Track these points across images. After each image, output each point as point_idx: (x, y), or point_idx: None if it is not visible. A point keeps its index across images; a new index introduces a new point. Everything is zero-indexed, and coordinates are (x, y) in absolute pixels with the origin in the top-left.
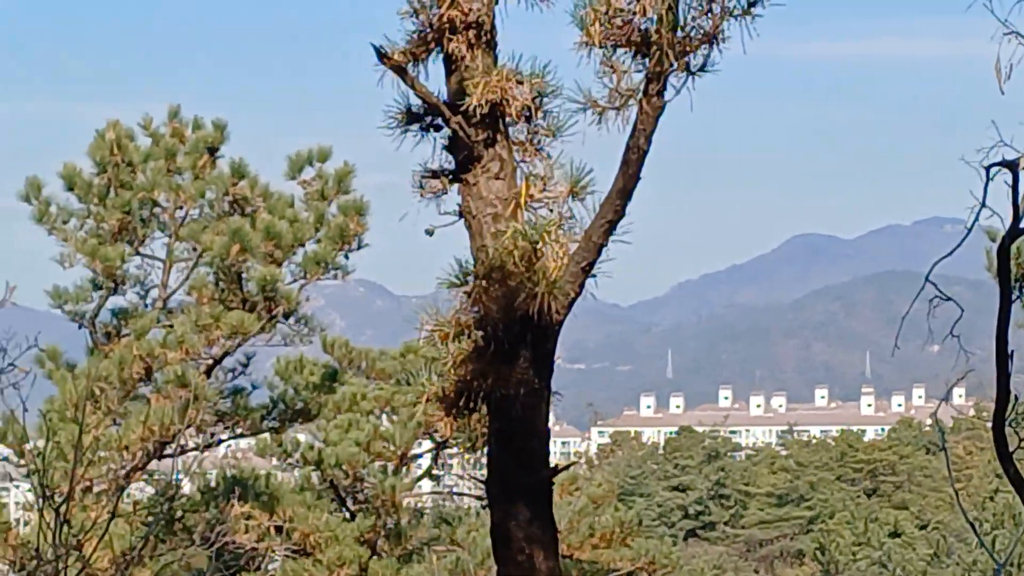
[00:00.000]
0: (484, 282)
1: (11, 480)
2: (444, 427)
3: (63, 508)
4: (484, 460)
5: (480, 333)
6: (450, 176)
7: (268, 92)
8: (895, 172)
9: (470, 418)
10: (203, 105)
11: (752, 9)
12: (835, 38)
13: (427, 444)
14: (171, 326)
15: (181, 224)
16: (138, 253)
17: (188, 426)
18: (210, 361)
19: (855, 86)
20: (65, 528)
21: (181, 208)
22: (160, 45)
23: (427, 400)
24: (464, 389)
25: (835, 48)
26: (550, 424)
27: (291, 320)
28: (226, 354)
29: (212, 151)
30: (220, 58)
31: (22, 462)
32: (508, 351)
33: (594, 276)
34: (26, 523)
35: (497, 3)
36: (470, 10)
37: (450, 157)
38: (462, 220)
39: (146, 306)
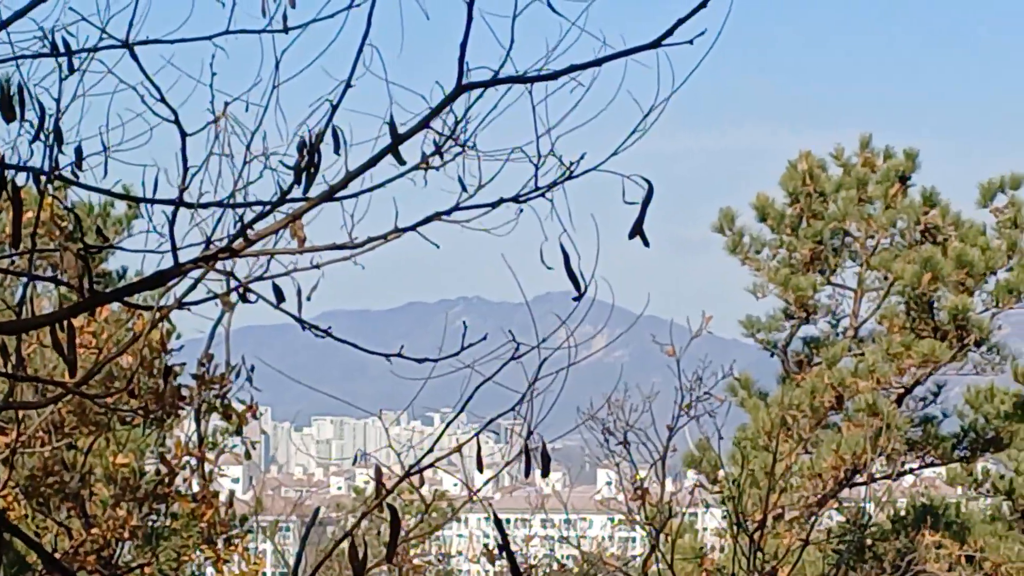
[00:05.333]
0: None
1: (706, 506)
2: None
3: (757, 535)
4: None
5: None
6: None
7: (959, 119)
8: None
9: None
10: (894, 134)
11: None
12: None
13: None
14: (862, 355)
15: (872, 253)
16: (829, 282)
17: (879, 454)
18: (901, 390)
19: None
20: (759, 554)
21: (872, 237)
22: (852, 75)
23: None
24: None
25: None
26: None
27: (982, 349)
28: (917, 383)
29: (903, 180)
30: (911, 85)
31: (716, 488)
32: None
33: None
34: (722, 549)
35: None
36: None
37: None
38: None
39: (837, 335)
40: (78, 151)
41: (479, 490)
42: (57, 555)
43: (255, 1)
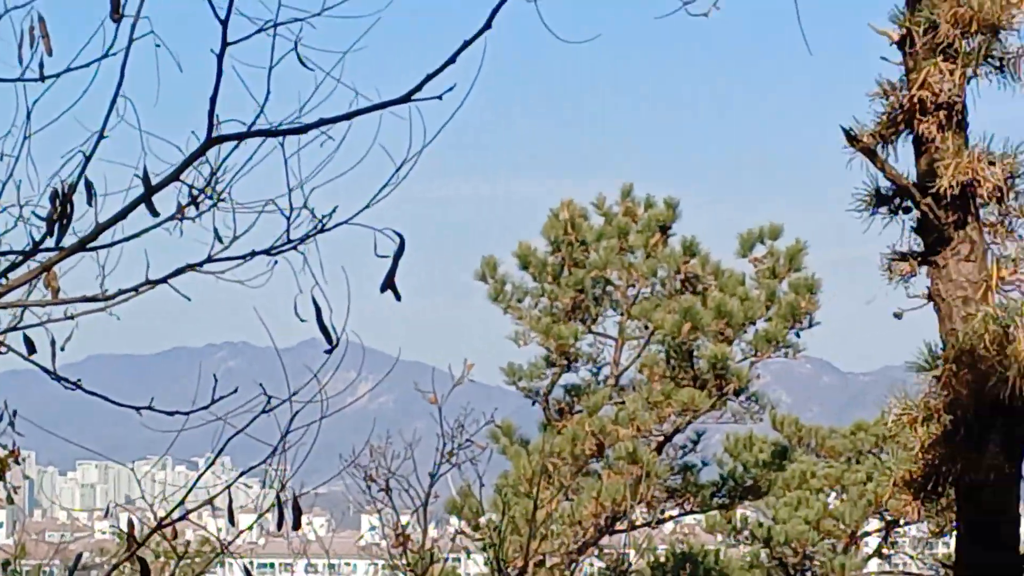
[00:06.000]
0: (954, 366)
1: (467, 552)
2: (912, 511)
3: None
4: (943, 541)
5: (949, 417)
6: (919, 259)
7: (720, 169)
8: None
9: (938, 502)
10: (656, 183)
11: None
12: None
13: (876, 523)
14: (622, 403)
15: (633, 302)
16: (590, 331)
17: (639, 502)
18: (661, 438)
19: None
20: None
21: (633, 286)
22: (614, 123)
23: (894, 484)
24: (932, 474)
25: None
26: None
27: (741, 397)
28: (677, 431)
29: (664, 229)
30: (671, 135)
31: (477, 535)
32: (978, 436)
33: None
34: None
35: (968, 82)
36: (941, 91)
37: (918, 239)
38: (930, 303)
39: (598, 383)
40: None
41: (231, 543)
42: None
43: (11, 49)
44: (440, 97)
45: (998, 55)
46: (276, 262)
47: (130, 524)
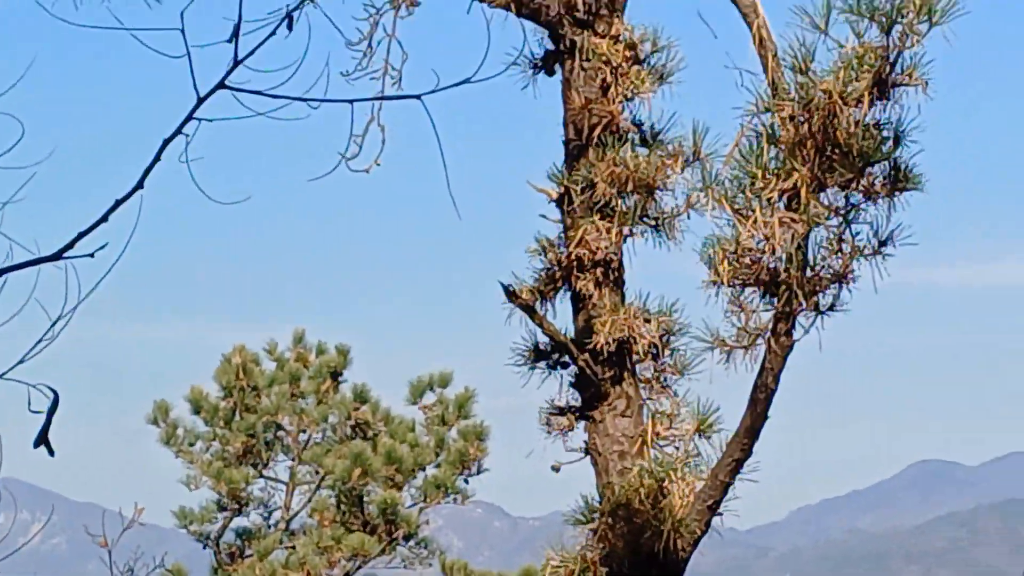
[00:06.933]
0: (610, 519)
1: None
2: None
3: None
4: None
5: (605, 570)
6: (577, 413)
7: (391, 317)
8: (1019, 399)
9: None
10: (327, 330)
11: (883, 248)
12: (960, 263)
13: None
14: (293, 547)
15: (304, 447)
16: (262, 475)
17: None
18: None
19: (980, 313)
20: None
21: (304, 432)
22: (285, 270)
23: None
24: None
25: (960, 273)
26: None
27: (411, 543)
28: (347, 575)
29: (335, 376)
30: (344, 283)
31: None
32: None
33: (720, 514)
34: None
35: (625, 241)
36: (598, 248)
37: (577, 394)
38: (588, 456)
39: (269, 527)
40: None
41: None
42: None
43: None
44: (92, 255)
45: (653, 215)
46: None
47: None
